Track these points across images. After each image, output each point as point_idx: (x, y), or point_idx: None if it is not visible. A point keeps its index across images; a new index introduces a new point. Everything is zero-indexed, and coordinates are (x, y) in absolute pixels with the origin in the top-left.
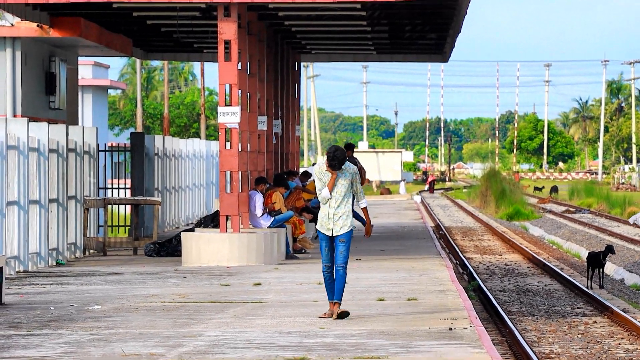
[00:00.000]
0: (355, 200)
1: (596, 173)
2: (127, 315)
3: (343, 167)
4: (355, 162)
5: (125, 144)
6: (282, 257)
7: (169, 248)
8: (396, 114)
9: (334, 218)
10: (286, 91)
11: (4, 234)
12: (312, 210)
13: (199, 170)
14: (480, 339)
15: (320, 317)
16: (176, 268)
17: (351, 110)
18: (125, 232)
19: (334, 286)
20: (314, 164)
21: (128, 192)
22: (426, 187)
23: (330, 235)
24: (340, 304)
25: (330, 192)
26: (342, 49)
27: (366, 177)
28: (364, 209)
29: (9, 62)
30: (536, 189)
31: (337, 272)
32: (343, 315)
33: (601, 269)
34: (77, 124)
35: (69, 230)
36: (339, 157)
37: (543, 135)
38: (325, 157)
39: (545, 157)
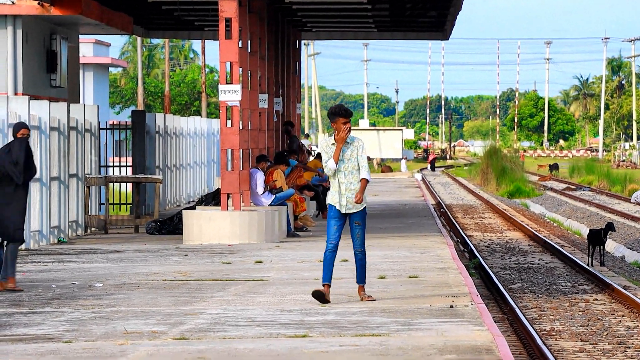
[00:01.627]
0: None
1: (597, 150)
2: (128, 293)
3: (349, 140)
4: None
5: (126, 122)
6: (284, 235)
7: (171, 226)
8: (397, 91)
9: (346, 194)
10: (287, 69)
11: None
12: (313, 187)
13: (200, 148)
14: (481, 317)
15: (313, 292)
16: (178, 246)
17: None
18: (126, 210)
19: (332, 268)
20: (306, 135)
21: (129, 170)
22: (427, 165)
23: (344, 212)
24: (364, 286)
25: (336, 163)
26: (343, 26)
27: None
28: (363, 180)
29: (10, 40)
30: (552, 167)
31: (356, 255)
32: (372, 301)
33: (602, 247)
34: (78, 102)
35: (70, 208)
36: (343, 107)
37: (544, 113)
38: (332, 114)
39: (545, 134)
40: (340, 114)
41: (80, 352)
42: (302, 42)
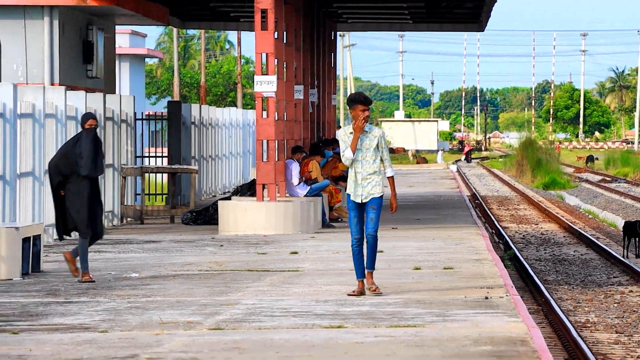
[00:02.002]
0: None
1: (632, 142)
2: (164, 283)
3: (367, 129)
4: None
5: (162, 113)
6: (319, 226)
7: (206, 216)
8: (432, 83)
9: (362, 184)
10: (322, 60)
11: (42, 202)
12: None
13: (236, 139)
14: (516, 308)
15: (349, 295)
16: (213, 236)
17: (387, 80)
18: (162, 200)
19: (363, 261)
20: (338, 127)
21: (165, 160)
22: (463, 157)
23: (360, 202)
24: (372, 273)
25: (353, 152)
26: (378, 18)
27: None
28: (390, 179)
29: (47, 31)
30: (588, 159)
31: (367, 240)
32: (378, 295)
33: (637, 238)
34: (114, 93)
35: (106, 199)
36: (363, 95)
37: (579, 105)
38: (351, 101)
39: (581, 126)
40: (360, 100)
41: (116, 342)
42: (338, 33)
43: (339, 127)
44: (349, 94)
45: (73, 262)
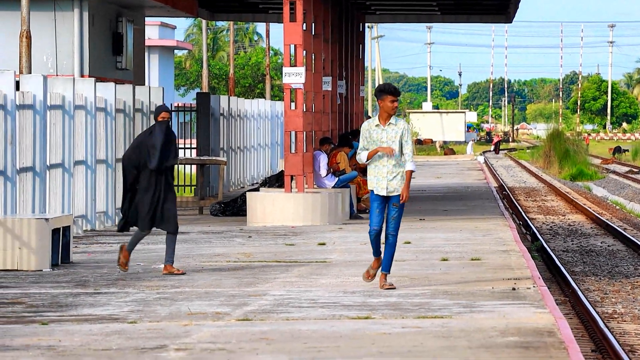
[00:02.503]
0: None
1: None
2: (192, 274)
3: (393, 121)
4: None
5: (191, 104)
6: (346, 217)
7: (234, 208)
8: (460, 74)
9: (387, 177)
10: (350, 52)
11: (71, 193)
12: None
13: (264, 131)
14: (543, 299)
15: (363, 277)
16: (241, 227)
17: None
18: (190, 191)
19: (379, 244)
20: (369, 118)
21: (194, 152)
22: (492, 147)
23: (385, 194)
24: (387, 276)
25: (368, 159)
26: (407, 9)
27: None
28: (408, 172)
29: (77, 22)
30: (615, 150)
31: (387, 240)
32: (391, 289)
33: None
34: (143, 84)
35: None
36: (392, 85)
37: (607, 96)
38: (379, 92)
39: (608, 117)
40: (389, 91)
41: (144, 333)
42: (366, 25)
43: (369, 117)
44: (376, 85)
45: (126, 255)
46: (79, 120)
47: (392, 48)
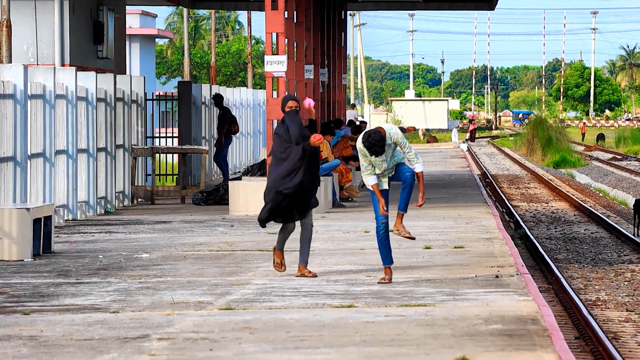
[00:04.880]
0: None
1: None
2: (175, 263)
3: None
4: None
5: (172, 93)
6: (329, 206)
7: (217, 197)
8: (442, 62)
9: (384, 173)
10: (333, 40)
11: (53, 183)
12: (359, 158)
13: (246, 119)
14: (526, 287)
15: (379, 283)
16: (224, 216)
17: (398, 59)
18: (173, 181)
19: (390, 248)
20: (352, 106)
21: (175, 141)
22: (467, 135)
23: (387, 188)
24: (403, 218)
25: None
26: None
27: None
28: (419, 174)
29: (57, 11)
30: (598, 137)
31: (406, 179)
32: (410, 238)
33: None
34: (124, 73)
35: (117, 179)
36: (376, 141)
37: (590, 83)
38: (361, 145)
39: (591, 104)
40: (365, 148)
41: (127, 322)
42: (348, 12)
43: (353, 105)
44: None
45: (279, 256)
46: (60, 110)
47: (375, 36)
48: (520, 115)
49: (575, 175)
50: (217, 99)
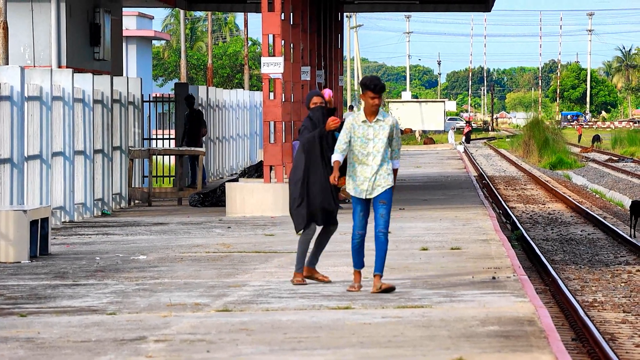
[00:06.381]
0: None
1: (639, 122)
2: (172, 265)
3: (381, 117)
4: None
5: (169, 95)
6: None
7: (213, 198)
8: (439, 63)
9: (371, 179)
10: (329, 41)
11: (49, 185)
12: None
13: (243, 121)
14: (523, 288)
15: (348, 290)
16: (220, 218)
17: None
18: (169, 182)
19: (363, 253)
20: (350, 107)
21: (172, 142)
22: (462, 138)
23: (364, 197)
24: (381, 277)
25: (338, 162)
26: None
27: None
28: (395, 171)
29: (54, 13)
30: (594, 139)
31: (377, 239)
32: (389, 290)
33: None
34: (121, 75)
35: (114, 181)
36: (378, 80)
37: (586, 85)
38: (362, 86)
39: (588, 106)
40: (369, 87)
41: (124, 324)
42: (345, 14)
43: (351, 107)
44: (362, 76)
45: (313, 273)
46: (57, 112)
47: (371, 37)
48: (569, 117)
49: (571, 176)
50: (190, 100)
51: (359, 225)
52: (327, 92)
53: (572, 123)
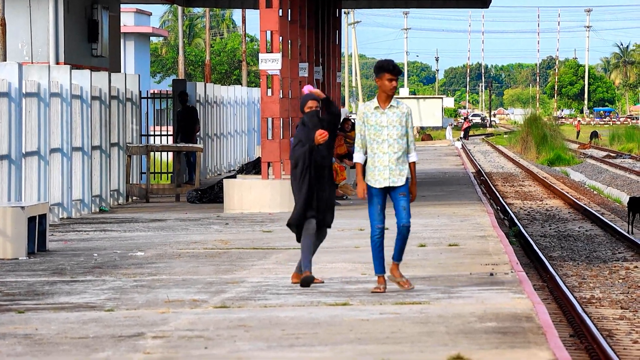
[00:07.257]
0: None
1: (637, 118)
2: (170, 261)
3: (394, 104)
4: None
5: (167, 91)
6: None
7: (211, 195)
8: (437, 60)
9: (390, 166)
10: (327, 38)
11: (47, 181)
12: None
13: (241, 117)
14: (521, 284)
15: (372, 292)
16: (218, 214)
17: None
18: (167, 179)
19: (383, 254)
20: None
21: (170, 139)
22: (461, 134)
23: (388, 185)
24: (399, 265)
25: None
26: None
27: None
28: (412, 164)
29: (52, 10)
30: (592, 135)
31: (400, 232)
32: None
33: None
34: (119, 72)
35: (111, 177)
36: (392, 62)
37: (584, 81)
38: (378, 69)
39: (586, 102)
40: (388, 69)
41: (122, 321)
42: (342, 10)
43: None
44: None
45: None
46: (55, 108)
47: (369, 34)
48: (602, 112)
49: (569, 172)
50: (184, 97)
51: (377, 218)
52: (307, 88)
53: (604, 119)
